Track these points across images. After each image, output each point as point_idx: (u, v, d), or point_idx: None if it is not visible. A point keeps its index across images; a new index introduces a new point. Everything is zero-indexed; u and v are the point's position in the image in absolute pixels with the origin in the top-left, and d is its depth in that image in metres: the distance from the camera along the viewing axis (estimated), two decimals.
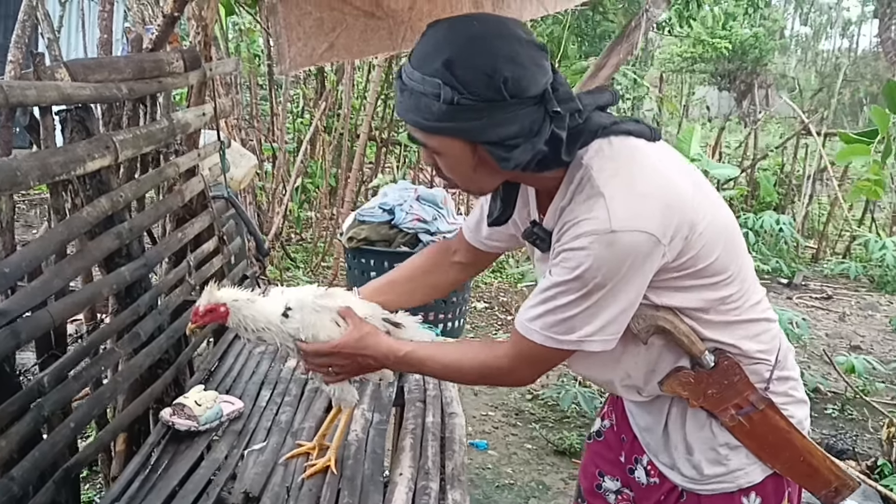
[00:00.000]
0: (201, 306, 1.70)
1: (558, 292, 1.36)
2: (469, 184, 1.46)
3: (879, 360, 5.18)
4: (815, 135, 8.64)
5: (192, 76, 2.59)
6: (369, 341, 1.65)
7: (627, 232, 1.30)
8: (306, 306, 1.68)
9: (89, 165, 1.99)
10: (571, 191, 1.39)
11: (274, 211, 6.61)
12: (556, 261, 1.38)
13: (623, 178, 1.36)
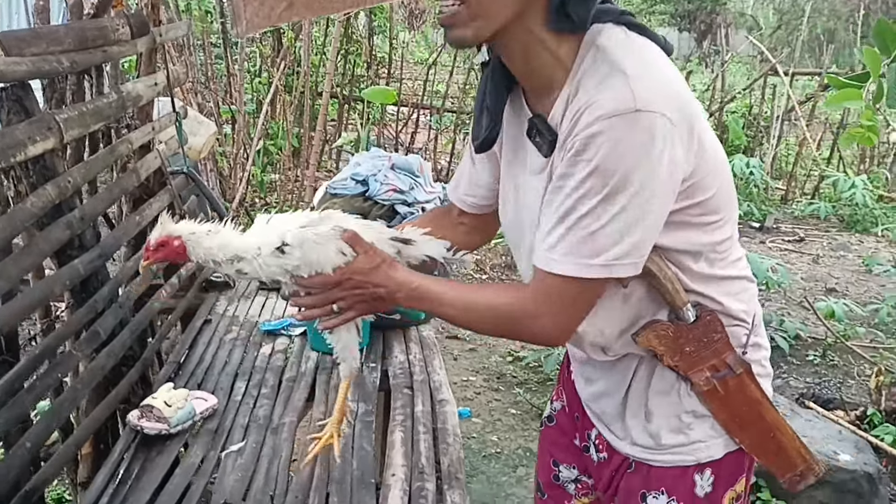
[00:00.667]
0: (152, 240, 1.45)
1: (577, 199, 1.19)
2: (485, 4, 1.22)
3: (856, 302, 5.16)
4: (781, 75, 8.54)
5: (141, 43, 2.38)
6: (382, 270, 1.40)
7: (652, 113, 1.14)
8: (306, 242, 1.43)
9: (31, 150, 1.80)
10: (582, 73, 1.23)
11: (236, 176, 6.39)
12: (569, 159, 1.19)
13: (644, 60, 1.21)
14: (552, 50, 1.25)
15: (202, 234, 1.45)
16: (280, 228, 1.46)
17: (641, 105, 1.13)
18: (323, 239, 1.42)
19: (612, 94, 1.15)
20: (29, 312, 1.74)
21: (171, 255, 1.47)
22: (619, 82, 1.15)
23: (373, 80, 8.49)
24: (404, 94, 8.75)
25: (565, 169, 1.20)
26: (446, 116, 8.69)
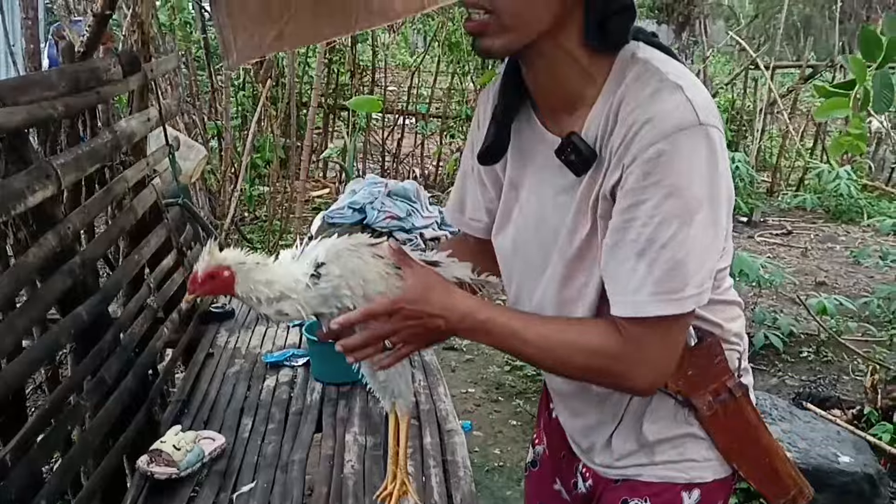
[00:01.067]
0: (201, 271, 1.34)
1: (655, 228, 1.09)
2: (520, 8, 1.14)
3: (846, 296, 5.21)
4: (763, 69, 8.59)
5: (133, 80, 2.37)
6: (440, 295, 1.22)
7: (713, 127, 1.10)
8: (342, 254, 1.31)
9: (30, 200, 1.80)
10: (626, 87, 1.15)
11: (226, 193, 6.36)
12: (634, 184, 1.10)
13: (688, 76, 1.16)
14: (583, 65, 1.19)
15: (252, 266, 1.36)
16: (310, 253, 1.36)
17: (703, 118, 1.09)
18: (359, 249, 1.33)
19: (672, 107, 1.09)
20: (37, 368, 1.74)
21: (218, 288, 1.37)
22: (677, 96, 1.10)
23: (357, 88, 8.49)
24: (389, 99, 8.75)
25: (634, 198, 1.11)
26: (432, 122, 8.70)
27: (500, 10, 1.13)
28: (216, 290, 1.38)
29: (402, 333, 1.23)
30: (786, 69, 10.40)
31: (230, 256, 1.36)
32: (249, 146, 6.26)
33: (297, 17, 2.59)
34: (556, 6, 1.14)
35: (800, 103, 9.18)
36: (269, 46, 2.61)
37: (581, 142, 1.18)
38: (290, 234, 6.50)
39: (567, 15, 1.15)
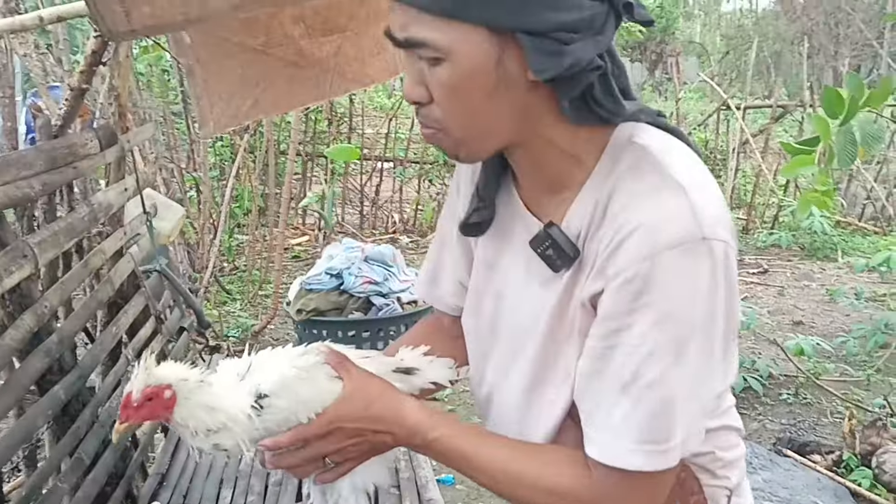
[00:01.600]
0: (136, 392, 1.08)
1: (642, 360, 0.94)
2: (472, 122, 0.99)
3: (823, 336, 5.27)
4: (734, 109, 8.75)
5: (110, 153, 2.39)
6: (384, 408, 1.08)
7: (718, 241, 0.93)
8: (289, 383, 1.11)
9: (7, 282, 1.80)
10: (619, 176, 0.99)
11: (205, 245, 6.36)
12: (621, 302, 0.94)
13: (695, 171, 1.00)
14: (566, 148, 1.03)
15: (195, 385, 1.12)
16: (252, 377, 1.14)
17: (708, 232, 0.93)
18: (311, 373, 1.12)
19: (670, 214, 0.93)
20: (14, 452, 1.73)
21: (156, 413, 1.11)
22: (678, 201, 0.94)
23: (335, 135, 8.55)
24: (366, 144, 8.81)
25: (618, 322, 0.95)
26: (410, 166, 8.76)
27: (449, 128, 1.01)
28: (154, 414, 1.11)
29: (343, 452, 1.10)
30: (757, 108, 10.58)
31: (170, 373, 1.12)
32: (228, 197, 6.28)
33: (272, 86, 2.64)
34: (512, 107, 0.99)
35: (771, 141, 9.34)
36: (244, 115, 2.65)
37: (561, 235, 1.03)
38: (270, 284, 6.51)
39: (532, 108, 1.00)
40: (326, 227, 7.59)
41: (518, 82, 0.97)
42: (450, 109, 0.99)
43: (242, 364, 1.18)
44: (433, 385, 1.28)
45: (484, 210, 1.15)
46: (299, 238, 8.19)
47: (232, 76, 2.57)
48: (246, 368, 1.16)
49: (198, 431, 1.11)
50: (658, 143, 1.02)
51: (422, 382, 1.27)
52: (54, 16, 2.16)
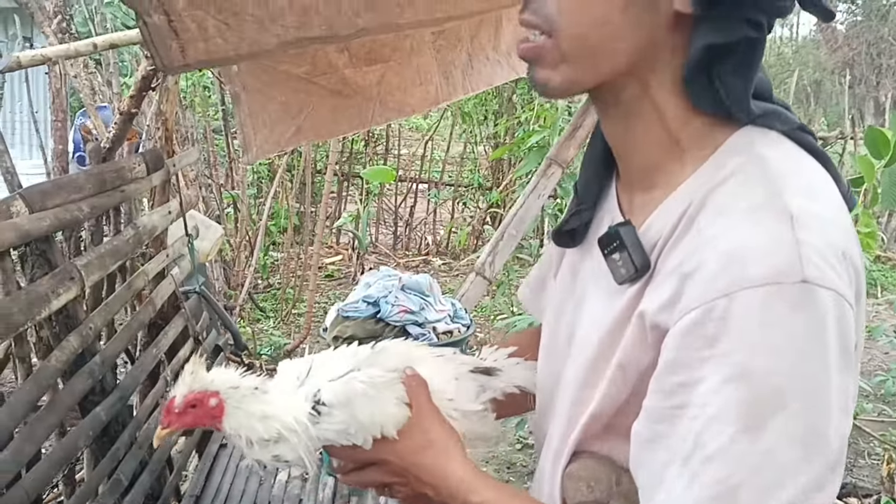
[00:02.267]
0: (180, 397, 1.01)
1: (706, 423, 0.73)
2: (591, 30, 0.81)
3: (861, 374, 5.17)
4: None
5: (156, 177, 2.44)
6: (435, 459, 0.97)
7: (827, 290, 0.72)
8: (354, 401, 1.00)
9: (54, 304, 1.84)
10: (719, 181, 0.80)
11: (241, 263, 6.43)
12: (690, 346, 0.75)
13: (821, 202, 0.79)
14: (671, 127, 0.85)
15: (247, 393, 1.03)
16: (313, 378, 1.05)
17: (812, 274, 0.72)
18: (378, 388, 1.02)
19: (768, 245, 0.74)
20: (56, 473, 1.76)
21: (201, 420, 1.03)
22: (780, 229, 0.74)
23: (371, 156, 8.62)
24: (402, 164, 8.86)
25: (687, 373, 0.75)
26: (444, 189, 8.80)
27: (560, 32, 0.82)
28: (198, 421, 1.03)
29: (391, 487, 1.03)
30: None
31: (219, 379, 1.04)
32: (266, 216, 6.34)
33: (314, 114, 2.68)
34: (640, 35, 0.81)
35: None
36: (287, 142, 2.68)
37: (632, 237, 0.85)
38: (303, 303, 6.55)
39: (658, 50, 0.82)
40: (360, 247, 7.64)
41: (662, 7, 0.80)
42: (572, 5, 0.81)
43: (303, 366, 1.07)
44: (518, 390, 1.13)
45: (583, 213, 0.99)
46: (333, 257, 8.24)
47: (276, 104, 2.61)
48: (306, 371, 1.06)
49: (252, 442, 1.02)
50: (783, 157, 0.81)
51: (504, 384, 1.13)
52: (107, 43, 2.21)
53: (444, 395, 1.06)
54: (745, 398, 0.71)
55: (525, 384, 1.12)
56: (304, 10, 1.46)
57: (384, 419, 0.99)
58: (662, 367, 0.77)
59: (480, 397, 1.10)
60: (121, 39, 2.21)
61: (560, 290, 1.04)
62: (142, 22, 1.30)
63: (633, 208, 0.91)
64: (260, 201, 7.61)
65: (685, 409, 0.75)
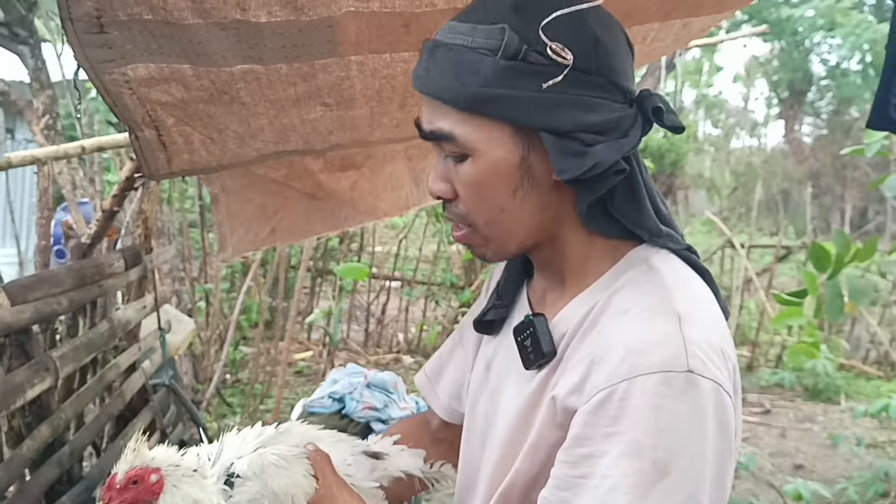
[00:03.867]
0: (120, 472, 1.03)
1: (607, 493, 0.85)
2: (496, 219, 0.98)
3: (823, 481, 5.25)
4: (738, 247, 8.94)
5: (133, 272, 2.54)
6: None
7: (707, 380, 0.86)
8: (267, 469, 1.06)
9: (29, 394, 1.91)
10: (620, 287, 0.96)
11: (209, 358, 6.44)
12: (589, 423, 0.88)
13: (702, 308, 0.95)
14: (580, 252, 1.01)
15: (187, 473, 1.05)
16: (224, 458, 1.09)
17: (695, 365, 0.86)
18: (289, 460, 1.08)
19: (658, 341, 0.87)
20: None
21: (141, 497, 1.03)
22: (669, 328, 0.88)
23: (345, 253, 8.75)
24: (375, 261, 8.99)
25: (591, 447, 0.87)
26: (417, 287, 8.91)
27: (474, 223, 1.00)
28: (138, 497, 1.04)
29: None
30: (763, 248, 10.80)
31: (161, 456, 1.06)
32: (238, 310, 6.41)
33: (290, 216, 2.80)
34: (535, 206, 0.97)
35: (775, 280, 9.48)
36: (262, 241, 2.79)
37: (544, 327, 1.00)
38: (271, 399, 6.55)
39: (553, 209, 0.99)
40: (331, 343, 7.68)
41: (542, 182, 0.96)
42: (474, 205, 0.98)
43: (214, 446, 1.12)
44: (404, 475, 1.24)
45: (500, 308, 1.12)
46: (303, 353, 8.26)
47: (253, 205, 2.73)
48: (217, 451, 1.11)
49: None
50: (673, 271, 0.97)
51: (392, 469, 1.23)
52: (95, 146, 2.34)
53: (342, 472, 1.13)
54: (638, 470, 0.84)
55: (408, 469, 1.23)
56: (283, 128, 1.59)
57: (295, 490, 1.05)
58: (570, 441, 0.90)
59: (372, 475, 1.19)
60: (108, 143, 2.34)
61: (475, 383, 1.16)
62: (133, 136, 1.42)
63: (543, 305, 1.07)
64: (232, 295, 7.68)
65: (588, 479, 0.87)
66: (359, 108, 1.57)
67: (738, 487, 5.35)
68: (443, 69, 0.94)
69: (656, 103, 0.95)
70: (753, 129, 31.01)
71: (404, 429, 1.35)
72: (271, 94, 1.40)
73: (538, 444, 0.97)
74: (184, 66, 1.31)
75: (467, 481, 1.15)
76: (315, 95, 1.45)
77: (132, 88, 1.33)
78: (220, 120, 1.45)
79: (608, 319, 0.94)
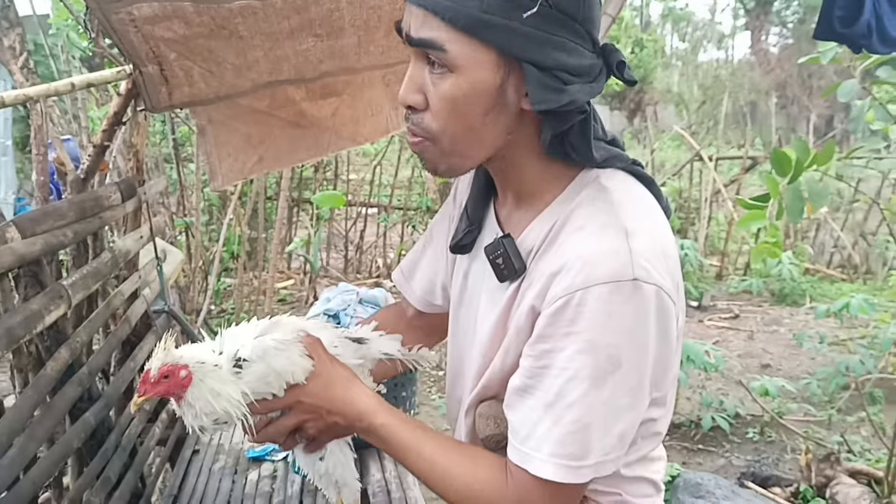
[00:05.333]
0: (154, 369, 1.19)
1: (565, 382, 1.02)
2: (463, 136, 1.07)
3: (788, 378, 5.55)
4: (706, 160, 9.12)
5: (129, 204, 2.64)
6: (339, 391, 1.20)
7: (650, 285, 1.00)
8: (268, 352, 1.21)
9: (47, 319, 2.04)
10: (576, 206, 1.09)
11: (196, 288, 6.57)
12: (556, 326, 1.02)
13: (648, 220, 1.08)
14: (537, 173, 1.14)
15: (210, 369, 1.20)
16: (230, 345, 1.24)
17: (640, 273, 1.00)
18: (286, 344, 1.22)
19: (607, 253, 1.00)
20: (53, 474, 1.95)
21: (173, 389, 1.20)
22: (618, 241, 1.01)
23: (320, 182, 8.82)
24: (351, 189, 9.07)
25: (551, 343, 1.04)
26: (394, 212, 9.03)
27: (439, 138, 1.08)
28: (170, 390, 1.20)
29: (309, 426, 1.22)
30: (730, 160, 10.98)
31: (188, 354, 1.21)
32: (221, 241, 6.51)
33: (275, 144, 2.91)
34: (499, 129, 1.08)
35: (743, 191, 9.70)
36: (250, 170, 2.91)
37: (513, 247, 1.14)
38: None
39: (515, 134, 1.10)
40: (312, 271, 7.82)
41: (511, 109, 1.06)
42: (444, 119, 1.06)
43: (215, 342, 1.27)
44: (386, 357, 1.41)
45: (472, 231, 1.26)
46: (285, 282, 8.41)
47: (240, 135, 2.83)
48: (220, 343, 1.26)
49: (204, 414, 1.19)
50: (621, 187, 1.10)
51: (373, 352, 1.39)
52: (84, 82, 2.41)
53: (330, 352, 1.29)
54: (592, 364, 1.01)
55: (388, 351, 1.41)
56: (277, 59, 1.70)
57: (294, 368, 1.21)
58: (534, 338, 1.07)
59: (356, 355, 1.36)
60: (97, 79, 2.42)
61: (457, 290, 1.32)
62: (137, 71, 1.53)
63: (509, 224, 1.20)
64: (211, 228, 7.77)
65: (549, 370, 1.04)
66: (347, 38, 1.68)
67: (709, 387, 5.64)
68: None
69: (620, 58, 1.08)
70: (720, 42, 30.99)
71: (382, 318, 1.54)
72: (267, 28, 1.51)
73: (509, 345, 1.14)
74: (185, 3, 1.41)
75: (456, 371, 1.34)
76: (307, 27, 1.56)
77: (137, 26, 1.43)
78: (219, 53, 1.55)
79: (566, 235, 1.07)
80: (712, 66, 27.41)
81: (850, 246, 9.22)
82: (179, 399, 1.21)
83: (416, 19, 1.04)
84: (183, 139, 7.63)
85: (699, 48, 30.98)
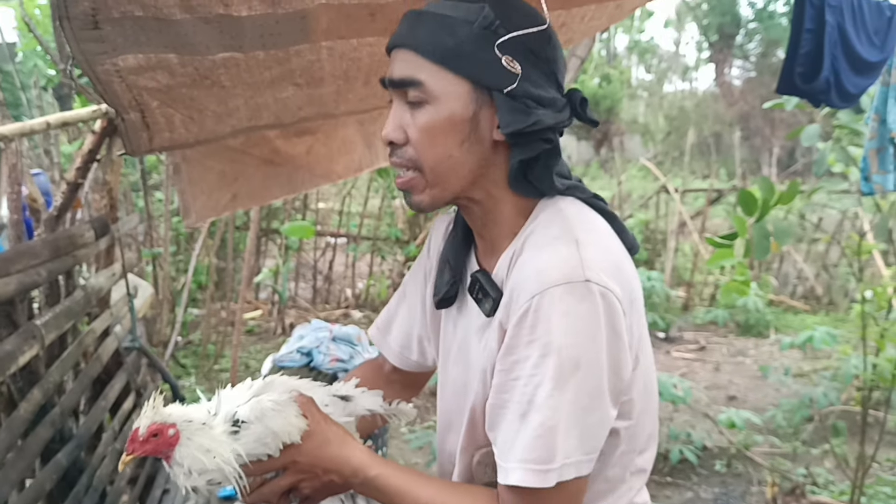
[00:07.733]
0: (143, 428, 1.19)
1: (534, 388, 1.06)
2: (442, 164, 1.16)
3: (754, 409, 5.62)
4: (672, 192, 9.26)
5: (102, 242, 2.64)
6: (335, 450, 1.21)
7: (602, 287, 1.06)
8: (266, 413, 1.22)
9: (21, 360, 2.03)
10: (531, 231, 1.17)
11: (162, 320, 6.52)
12: (520, 336, 1.08)
13: (601, 239, 1.15)
14: (509, 208, 1.21)
15: (198, 427, 1.21)
16: (225, 408, 1.25)
17: (591, 275, 1.05)
18: (282, 405, 1.24)
19: (559, 260, 1.07)
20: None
21: (161, 448, 1.20)
22: (569, 250, 1.08)
23: (288, 211, 8.81)
24: (319, 219, 9.06)
25: (517, 354, 1.09)
26: (363, 243, 9.03)
27: (422, 167, 1.16)
28: (157, 449, 1.20)
29: (303, 486, 1.22)
30: (696, 192, 11.16)
31: (176, 413, 1.22)
32: (191, 272, 6.47)
33: (249, 182, 2.92)
34: (474, 159, 1.16)
35: (708, 222, 9.85)
36: (224, 207, 2.92)
37: (487, 280, 1.20)
38: (225, 359, 6.68)
39: (489, 166, 1.18)
40: (281, 302, 7.79)
41: (485, 139, 1.15)
42: (425, 149, 1.14)
43: (210, 403, 1.28)
44: (369, 412, 1.43)
45: (456, 284, 1.30)
46: (253, 312, 8.36)
47: (213, 173, 2.84)
48: (215, 404, 1.26)
49: (192, 471, 1.18)
50: (575, 209, 1.18)
51: (358, 409, 1.42)
52: (60, 121, 2.42)
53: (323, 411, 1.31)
54: (554, 366, 1.04)
55: (372, 407, 1.44)
56: (257, 106, 1.72)
57: (291, 428, 1.22)
58: (503, 352, 1.11)
59: (345, 412, 1.39)
60: (72, 118, 2.42)
61: (445, 344, 1.36)
62: (120, 118, 1.54)
63: (486, 263, 1.27)
64: (178, 258, 7.72)
65: (519, 381, 1.08)
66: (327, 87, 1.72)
67: (676, 419, 5.68)
68: (425, 29, 1.12)
69: (582, 97, 1.18)
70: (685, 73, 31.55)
71: (361, 373, 1.56)
72: (248, 78, 1.54)
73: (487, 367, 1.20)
74: (170, 55, 1.44)
75: (447, 425, 1.37)
76: (288, 77, 1.59)
77: (122, 77, 1.45)
78: (200, 101, 1.58)
79: (525, 255, 1.13)
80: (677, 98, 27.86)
81: (812, 277, 9.38)
82: (168, 458, 1.21)
83: (398, 63, 1.15)
84: (150, 168, 7.60)
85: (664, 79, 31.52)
